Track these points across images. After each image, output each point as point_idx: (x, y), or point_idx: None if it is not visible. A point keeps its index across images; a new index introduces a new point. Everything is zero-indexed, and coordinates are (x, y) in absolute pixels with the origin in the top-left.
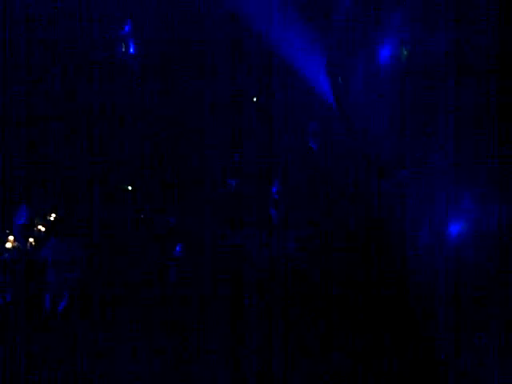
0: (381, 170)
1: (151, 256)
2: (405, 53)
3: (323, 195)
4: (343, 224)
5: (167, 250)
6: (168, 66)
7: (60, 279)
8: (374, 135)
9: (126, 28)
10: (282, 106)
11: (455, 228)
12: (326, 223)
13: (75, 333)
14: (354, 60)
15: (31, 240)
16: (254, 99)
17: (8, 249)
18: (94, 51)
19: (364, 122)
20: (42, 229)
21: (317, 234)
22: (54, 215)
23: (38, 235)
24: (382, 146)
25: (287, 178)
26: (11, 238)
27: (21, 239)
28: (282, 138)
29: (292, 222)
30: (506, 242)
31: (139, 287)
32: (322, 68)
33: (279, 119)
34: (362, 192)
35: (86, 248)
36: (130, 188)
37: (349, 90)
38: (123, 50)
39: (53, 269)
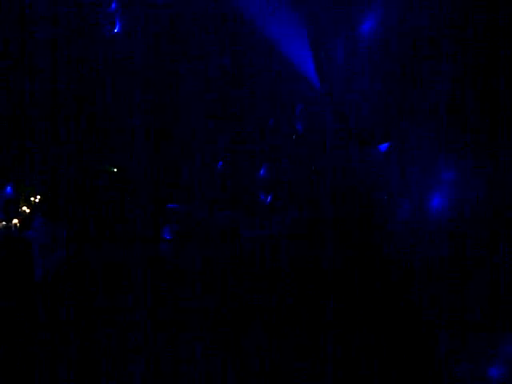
0: (363, 142)
1: (140, 237)
2: (387, 23)
3: (311, 177)
4: (331, 203)
5: (156, 231)
6: (156, 46)
7: (45, 260)
8: (356, 106)
9: (113, 6)
10: (268, 89)
11: (437, 201)
12: (315, 205)
13: (64, 314)
14: (335, 29)
15: (16, 221)
16: (241, 82)
17: None
18: (80, 28)
19: (347, 94)
20: (27, 210)
21: (305, 215)
22: (38, 196)
23: (22, 216)
24: (365, 117)
25: (275, 161)
26: None
27: (5, 219)
28: (269, 121)
29: (281, 205)
30: (488, 216)
31: (128, 268)
32: (308, 49)
33: (266, 102)
34: (346, 165)
35: (71, 229)
36: (115, 170)
37: (331, 60)
38: (109, 28)
39: (38, 250)
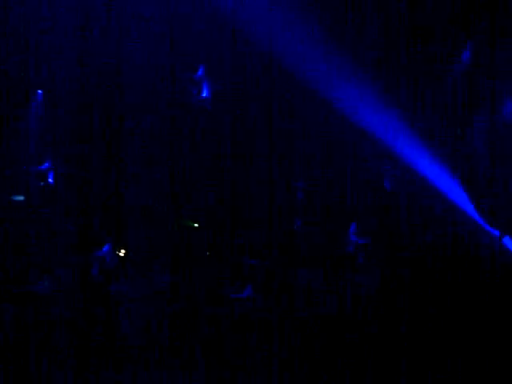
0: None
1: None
2: None
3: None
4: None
5: (236, 289)
6: (240, 109)
7: (132, 314)
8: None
9: (200, 72)
10: (357, 149)
11: None
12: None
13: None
14: (473, 118)
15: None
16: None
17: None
18: (169, 93)
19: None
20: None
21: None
22: (123, 251)
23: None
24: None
25: (365, 220)
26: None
27: (99, 276)
28: (358, 179)
29: (372, 264)
30: None
31: (210, 324)
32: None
33: (355, 161)
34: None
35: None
36: (196, 225)
37: (470, 147)
38: (196, 92)
39: (125, 304)
